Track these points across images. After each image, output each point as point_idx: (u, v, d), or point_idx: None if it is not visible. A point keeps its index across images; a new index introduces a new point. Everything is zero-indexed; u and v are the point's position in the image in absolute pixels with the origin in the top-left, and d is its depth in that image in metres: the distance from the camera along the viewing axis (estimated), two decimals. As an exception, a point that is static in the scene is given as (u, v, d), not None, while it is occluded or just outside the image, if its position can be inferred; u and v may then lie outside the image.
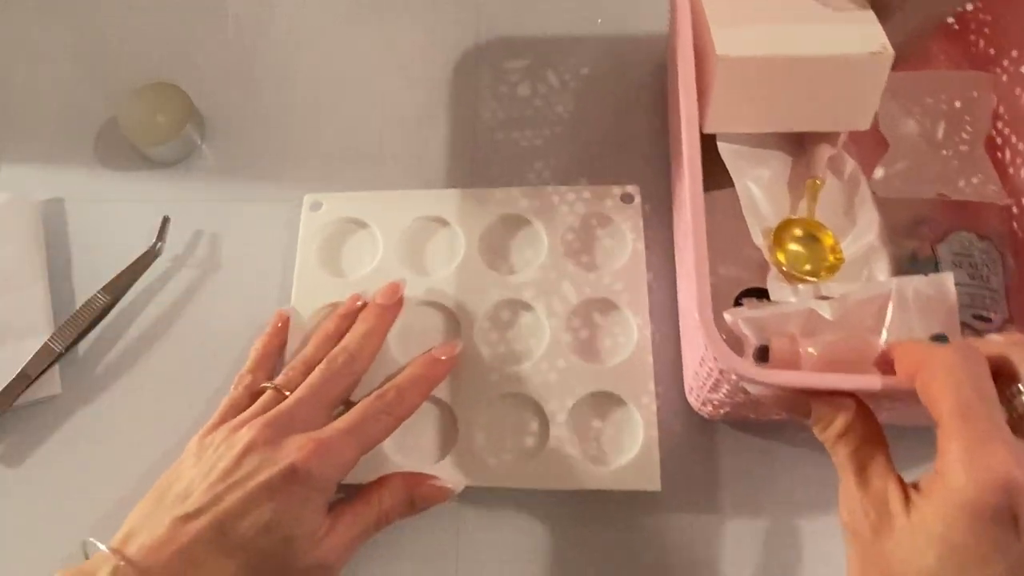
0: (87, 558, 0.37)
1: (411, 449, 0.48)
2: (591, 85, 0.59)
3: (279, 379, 0.45)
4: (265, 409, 0.43)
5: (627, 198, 0.53)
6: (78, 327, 0.51)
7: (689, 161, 0.40)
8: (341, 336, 0.47)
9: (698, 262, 0.37)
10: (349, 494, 0.43)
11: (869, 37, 0.44)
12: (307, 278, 0.52)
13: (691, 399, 0.47)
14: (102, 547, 0.36)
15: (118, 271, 0.53)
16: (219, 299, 0.54)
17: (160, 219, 0.54)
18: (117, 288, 0.52)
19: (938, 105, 0.53)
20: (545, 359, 0.49)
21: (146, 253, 0.53)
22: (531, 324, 0.50)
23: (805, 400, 0.34)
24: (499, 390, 0.48)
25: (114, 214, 0.56)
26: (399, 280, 0.50)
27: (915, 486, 0.30)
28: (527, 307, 0.51)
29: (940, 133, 0.53)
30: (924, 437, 0.34)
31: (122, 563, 0.35)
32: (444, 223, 0.54)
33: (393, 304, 0.49)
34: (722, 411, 0.44)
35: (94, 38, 0.63)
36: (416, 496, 0.43)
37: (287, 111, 0.59)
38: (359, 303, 0.49)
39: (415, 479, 0.44)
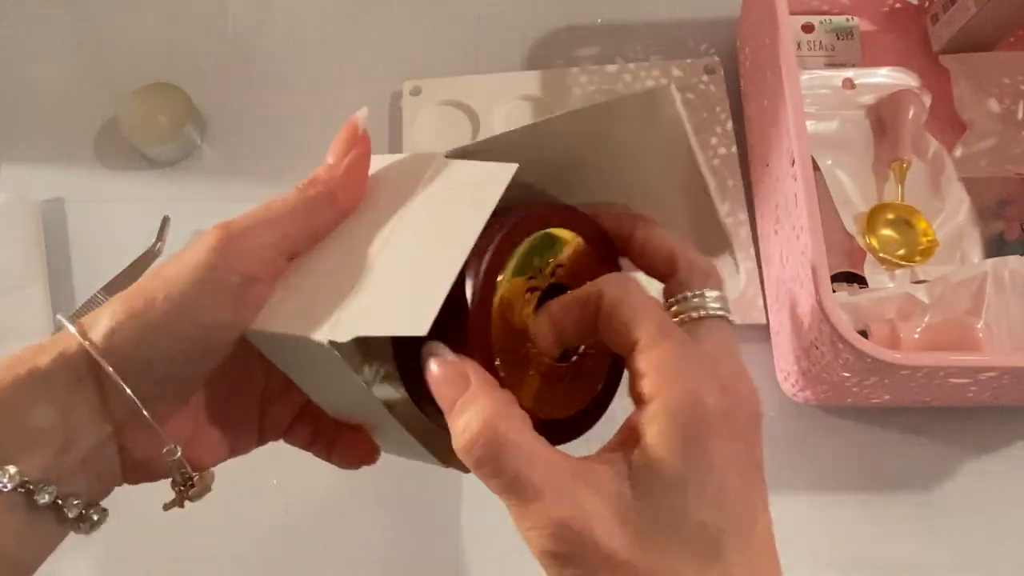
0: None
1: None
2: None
3: None
4: None
5: (710, 69, 0.57)
6: (78, 327, 0.51)
7: (801, 159, 0.40)
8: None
9: (815, 254, 0.38)
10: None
11: None
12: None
13: (786, 385, 0.48)
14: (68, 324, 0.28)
15: (118, 271, 0.53)
16: (219, 299, 0.54)
17: (160, 219, 0.54)
18: (117, 288, 0.52)
19: (1016, 86, 0.53)
20: None
21: (146, 253, 0.53)
22: None
23: None
24: None
25: (114, 214, 0.56)
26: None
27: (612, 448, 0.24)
28: None
29: (1020, 113, 0.53)
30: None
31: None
32: (538, 100, 0.57)
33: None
34: (821, 395, 0.45)
35: (94, 38, 0.63)
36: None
37: (287, 111, 0.59)
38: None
39: None
